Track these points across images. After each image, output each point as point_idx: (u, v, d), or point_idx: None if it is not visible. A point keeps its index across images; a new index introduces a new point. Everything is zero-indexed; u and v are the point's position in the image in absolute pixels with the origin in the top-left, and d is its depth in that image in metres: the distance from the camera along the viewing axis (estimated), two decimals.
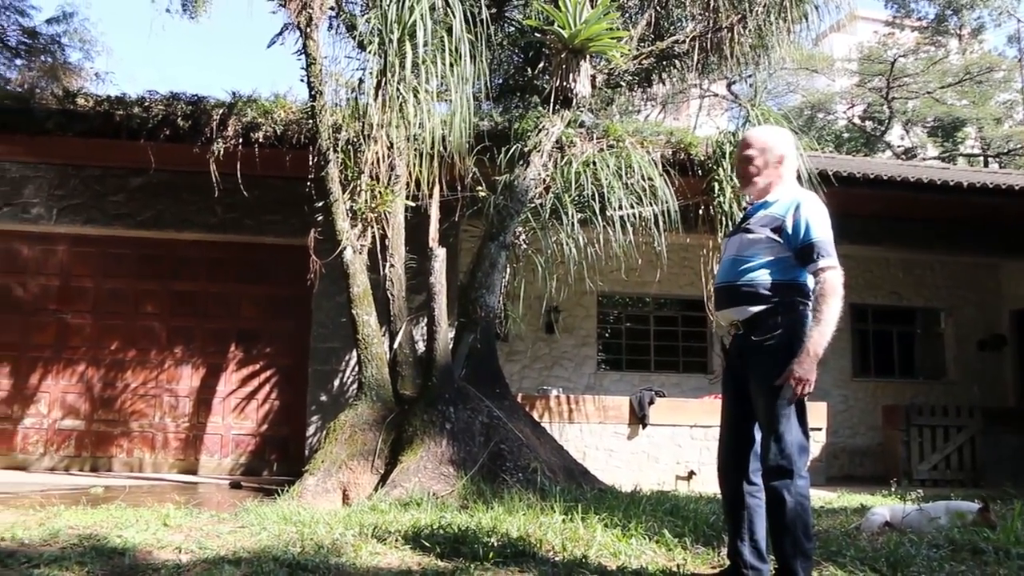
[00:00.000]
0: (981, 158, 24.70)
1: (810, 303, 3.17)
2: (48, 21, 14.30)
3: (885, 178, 9.07)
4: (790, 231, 3.18)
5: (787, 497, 3.04)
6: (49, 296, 8.82)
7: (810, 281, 3.19)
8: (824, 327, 3.06)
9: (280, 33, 7.27)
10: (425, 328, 6.90)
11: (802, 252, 3.15)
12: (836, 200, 6.69)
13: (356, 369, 6.86)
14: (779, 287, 3.20)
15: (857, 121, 26.08)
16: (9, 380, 8.66)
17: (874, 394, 11.40)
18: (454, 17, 6.11)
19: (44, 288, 8.84)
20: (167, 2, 11.19)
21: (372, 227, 6.62)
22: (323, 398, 8.62)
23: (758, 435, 3.25)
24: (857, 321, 11.59)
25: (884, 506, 5.48)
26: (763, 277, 3.21)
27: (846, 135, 26.29)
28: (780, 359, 3.10)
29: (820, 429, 9.20)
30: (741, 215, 3.57)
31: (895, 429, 10.09)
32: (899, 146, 25.57)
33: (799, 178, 7.04)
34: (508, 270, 7.35)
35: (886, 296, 11.72)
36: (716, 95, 22.51)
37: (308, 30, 6.56)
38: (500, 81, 9.13)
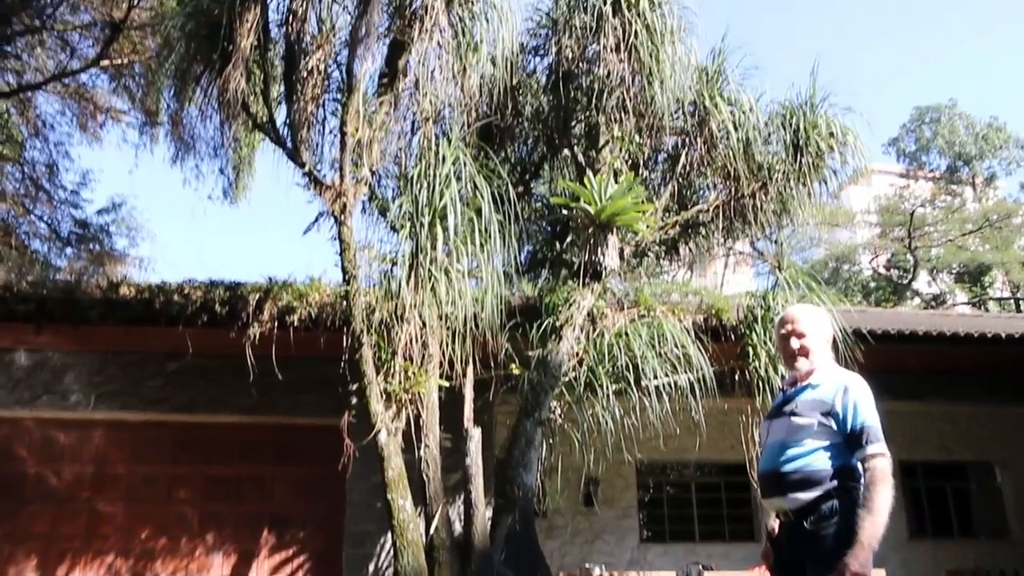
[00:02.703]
0: (1012, 301, 24.54)
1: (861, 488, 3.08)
2: (99, 212, 15.03)
3: (921, 333, 8.92)
4: (839, 415, 3.11)
5: None
6: (82, 484, 8.72)
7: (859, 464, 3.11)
8: (877, 517, 3.00)
9: (315, 221, 7.53)
10: (461, 507, 6.72)
11: (852, 437, 3.09)
12: (872, 357, 6.61)
13: (391, 553, 6.63)
14: (832, 473, 3.11)
15: (882, 271, 26.22)
16: (35, 574, 8.44)
17: (935, 556, 10.77)
18: (482, 199, 6.31)
19: (78, 476, 8.74)
20: (208, 189, 11.83)
21: (406, 408, 6.58)
22: None
23: None
24: (907, 479, 11.14)
25: None
26: (816, 463, 3.12)
27: (872, 284, 26.37)
28: (837, 547, 2.97)
29: None
30: (779, 397, 3.47)
31: None
32: (927, 293, 25.54)
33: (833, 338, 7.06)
34: (544, 445, 7.23)
35: (934, 451, 11.31)
36: (741, 253, 22.82)
37: (342, 217, 6.78)
38: (528, 252, 9.35)
